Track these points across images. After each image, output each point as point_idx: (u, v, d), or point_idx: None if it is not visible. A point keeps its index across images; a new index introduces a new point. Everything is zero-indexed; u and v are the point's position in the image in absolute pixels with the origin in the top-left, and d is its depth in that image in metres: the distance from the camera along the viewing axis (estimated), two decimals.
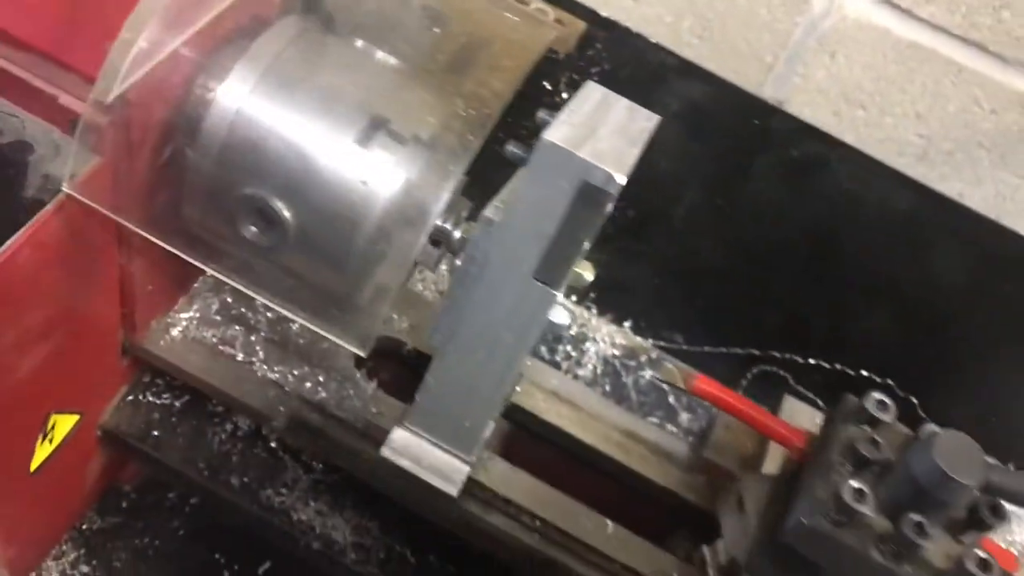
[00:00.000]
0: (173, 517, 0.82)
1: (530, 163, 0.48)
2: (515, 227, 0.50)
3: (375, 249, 0.47)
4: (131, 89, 0.46)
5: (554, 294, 0.51)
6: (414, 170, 0.47)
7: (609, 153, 0.48)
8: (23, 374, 0.54)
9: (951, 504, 0.47)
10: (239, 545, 0.81)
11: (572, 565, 0.65)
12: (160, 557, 0.79)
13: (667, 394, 0.82)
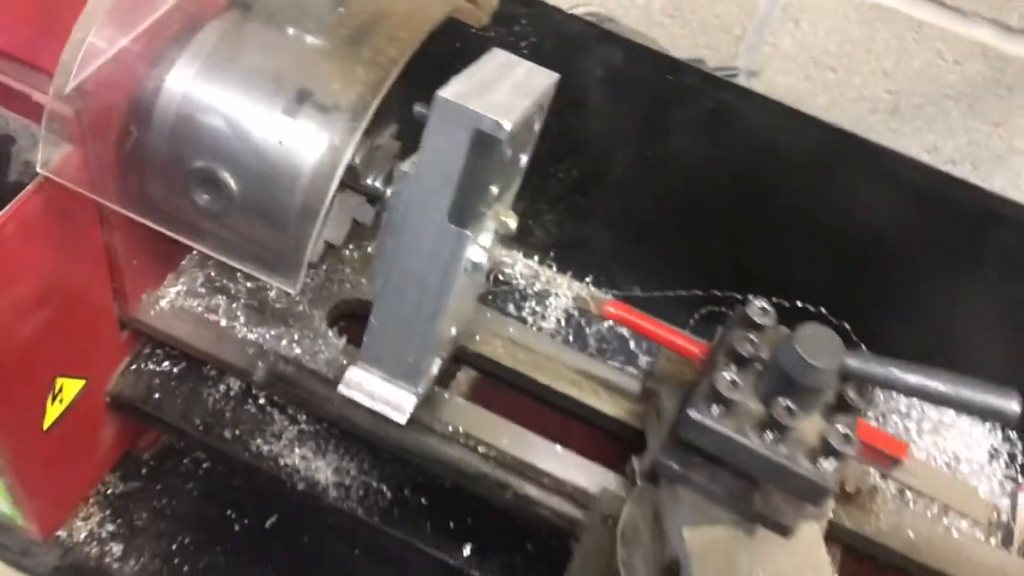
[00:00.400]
0: (188, 480, 0.90)
1: (429, 118, 0.55)
2: (425, 177, 0.57)
3: (301, 203, 0.55)
4: (87, 82, 0.55)
5: (467, 234, 0.59)
6: (329, 132, 0.55)
7: (499, 104, 0.55)
8: (24, 337, 0.63)
9: (815, 388, 0.54)
10: (248, 503, 0.89)
11: (524, 486, 0.72)
12: (177, 516, 0.88)
13: (628, 340, 0.89)
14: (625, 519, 0.63)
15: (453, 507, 0.76)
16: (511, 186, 0.64)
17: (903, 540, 0.74)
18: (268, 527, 0.88)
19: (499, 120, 0.54)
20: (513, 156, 0.60)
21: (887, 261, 0.77)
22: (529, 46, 0.75)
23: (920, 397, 0.53)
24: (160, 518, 0.87)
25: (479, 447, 0.73)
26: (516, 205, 0.87)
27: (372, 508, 0.75)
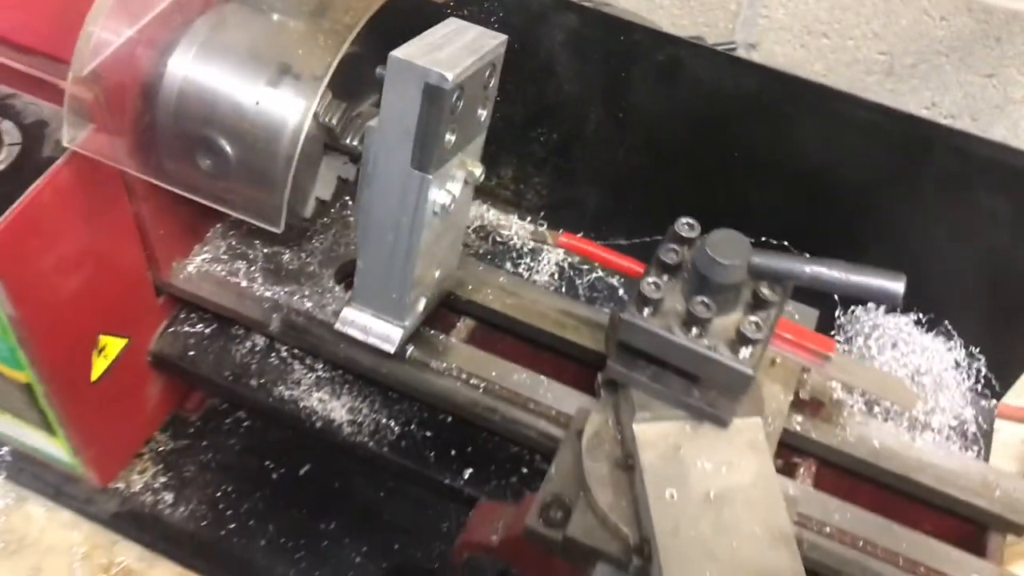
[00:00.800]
0: (230, 437, 1.01)
1: (386, 77, 0.64)
2: (387, 129, 0.66)
3: (278, 154, 0.65)
4: (100, 68, 0.65)
5: (428, 177, 0.67)
6: (295, 93, 0.64)
7: (444, 60, 0.64)
8: (66, 295, 0.74)
9: (727, 285, 0.61)
10: (283, 454, 0.99)
11: (512, 410, 0.80)
12: (221, 468, 0.98)
13: (617, 289, 0.96)
14: (589, 427, 0.71)
15: (454, 438, 0.85)
16: (474, 138, 0.72)
17: (869, 449, 0.80)
18: (302, 475, 0.98)
19: (443, 72, 0.63)
20: (468, 109, 0.68)
21: (838, 191, 0.83)
22: (498, 20, 0.83)
23: (818, 287, 0.60)
24: (206, 470, 0.98)
25: (471, 380, 0.81)
26: (504, 170, 0.96)
27: (382, 441, 0.84)
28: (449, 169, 0.70)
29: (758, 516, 0.64)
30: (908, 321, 0.85)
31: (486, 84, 0.70)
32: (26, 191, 0.66)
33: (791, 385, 0.77)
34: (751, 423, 0.68)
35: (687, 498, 0.64)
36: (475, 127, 0.71)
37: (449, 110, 0.64)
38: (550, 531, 0.68)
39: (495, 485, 0.83)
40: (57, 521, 0.94)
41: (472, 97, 0.68)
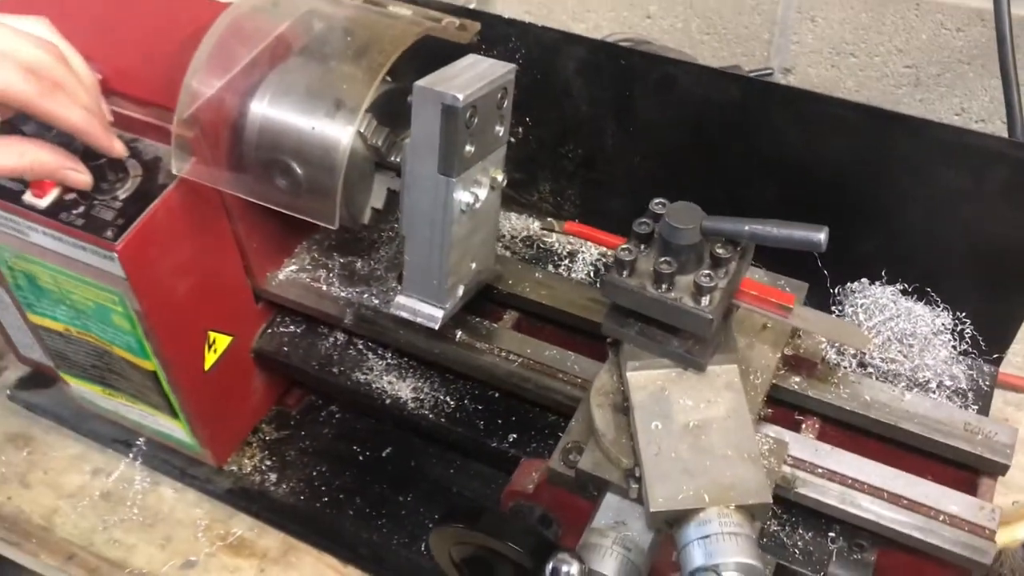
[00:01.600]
0: (325, 426, 1.18)
1: (413, 102, 0.81)
2: (417, 144, 0.82)
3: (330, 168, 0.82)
4: (197, 112, 0.85)
5: (452, 180, 0.83)
6: (342, 119, 0.82)
7: (457, 85, 0.80)
8: (180, 296, 0.93)
9: (686, 246, 0.74)
10: (369, 439, 1.16)
11: (543, 380, 0.94)
12: (317, 452, 1.16)
13: None
14: (597, 382, 0.84)
15: (500, 410, 1.00)
16: (495, 150, 0.87)
17: (860, 403, 0.91)
18: (383, 456, 1.14)
19: (456, 94, 0.79)
20: (484, 125, 0.83)
21: (819, 180, 0.94)
22: (521, 56, 1.00)
23: (757, 241, 0.73)
24: (304, 454, 1.15)
25: (509, 356, 0.96)
26: (543, 185, 1.12)
27: (440, 414, 1.00)
28: (473, 175, 0.85)
29: (730, 441, 0.76)
30: (895, 291, 0.95)
31: (499, 104, 0.85)
32: (145, 210, 0.86)
33: (780, 345, 0.88)
34: (728, 369, 0.81)
35: (669, 428, 0.77)
36: (494, 141, 0.87)
37: (464, 125, 0.80)
38: (567, 469, 0.82)
39: (535, 447, 0.97)
40: (184, 500, 1.13)
41: (486, 115, 0.83)
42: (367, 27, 0.85)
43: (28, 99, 0.76)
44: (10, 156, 0.79)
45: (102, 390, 1.06)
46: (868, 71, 1.44)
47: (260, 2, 0.89)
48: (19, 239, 0.91)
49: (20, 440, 1.21)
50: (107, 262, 0.86)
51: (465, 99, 0.78)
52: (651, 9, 1.50)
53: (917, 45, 1.38)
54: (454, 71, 0.83)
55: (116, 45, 0.92)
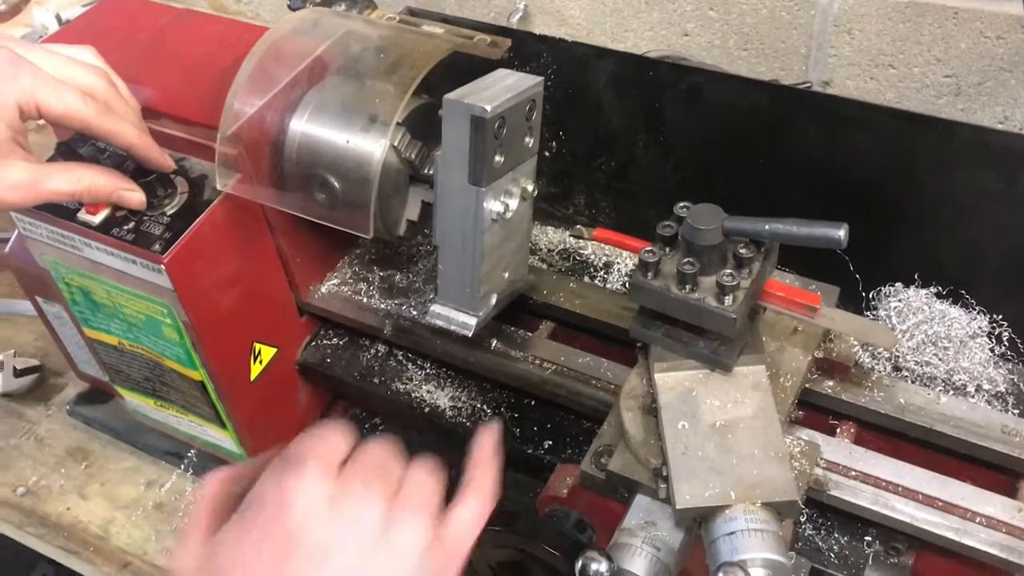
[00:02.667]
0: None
1: (444, 115, 0.84)
2: (448, 154, 0.85)
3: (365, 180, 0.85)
4: (240, 130, 0.89)
5: (482, 189, 0.86)
6: (375, 133, 0.85)
7: (486, 97, 0.83)
8: (226, 308, 0.96)
9: (708, 246, 0.75)
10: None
11: (576, 386, 0.96)
12: None
13: None
14: (627, 385, 0.86)
15: (536, 417, 1.01)
16: (525, 161, 0.89)
17: (895, 406, 0.91)
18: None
19: (484, 105, 0.81)
20: (513, 136, 0.85)
21: (849, 185, 0.95)
22: (553, 72, 1.02)
23: (776, 238, 0.74)
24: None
25: (543, 364, 0.98)
26: (578, 198, 1.14)
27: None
28: (503, 185, 0.87)
29: (757, 440, 0.77)
30: (929, 294, 0.95)
31: (528, 116, 0.87)
32: (191, 224, 0.90)
33: (811, 348, 0.89)
34: (755, 369, 0.82)
35: (696, 427, 0.78)
36: (523, 152, 0.89)
37: (493, 135, 0.83)
38: (598, 471, 0.84)
39: (570, 453, 0.98)
40: None
41: (515, 126, 0.85)
42: (399, 45, 0.89)
43: (88, 120, 0.81)
44: (68, 182, 0.84)
45: (154, 402, 1.10)
46: (908, 82, 1.43)
47: (299, 24, 0.93)
48: (75, 255, 0.95)
49: (79, 454, 1.25)
50: (156, 274, 0.89)
51: (493, 110, 0.81)
52: (688, 27, 1.51)
53: (956, 54, 1.37)
54: (483, 84, 0.85)
55: (164, 69, 0.96)
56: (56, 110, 0.80)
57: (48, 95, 0.79)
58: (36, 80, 0.79)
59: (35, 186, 0.82)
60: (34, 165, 0.82)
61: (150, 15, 1.05)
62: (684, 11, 1.50)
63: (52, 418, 1.30)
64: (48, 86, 0.80)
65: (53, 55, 0.83)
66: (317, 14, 0.95)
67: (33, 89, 0.79)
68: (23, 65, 0.79)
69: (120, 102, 0.85)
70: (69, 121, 0.82)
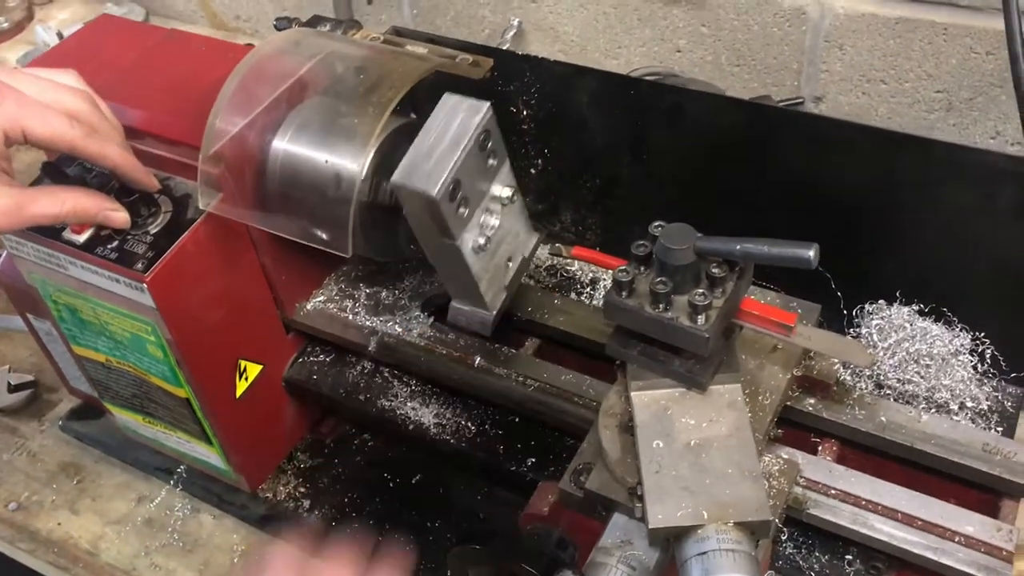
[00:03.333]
0: (357, 454, 1.21)
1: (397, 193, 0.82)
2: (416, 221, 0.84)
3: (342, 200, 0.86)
4: (222, 150, 0.89)
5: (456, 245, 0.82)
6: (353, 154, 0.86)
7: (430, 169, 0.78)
8: (211, 325, 0.97)
9: (680, 266, 0.76)
10: (399, 467, 1.18)
11: (558, 403, 0.96)
12: (349, 480, 1.18)
13: None
14: (605, 403, 0.86)
15: (520, 434, 1.02)
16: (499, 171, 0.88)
17: (876, 424, 0.90)
18: (413, 483, 1.16)
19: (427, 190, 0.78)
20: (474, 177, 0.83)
21: (831, 204, 0.95)
22: (537, 90, 1.03)
23: (748, 258, 0.74)
24: (337, 482, 1.18)
25: (526, 381, 0.98)
26: (564, 215, 1.14)
27: (461, 439, 1.02)
28: (478, 218, 0.87)
29: (732, 459, 0.77)
30: (911, 312, 0.95)
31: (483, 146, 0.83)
32: (174, 243, 0.90)
33: (790, 366, 0.89)
34: (731, 388, 0.82)
35: (671, 446, 0.78)
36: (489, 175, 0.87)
37: (450, 202, 0.80)
38: (576, 490, 0.84)
39: (553, 471, 0.98)
40: (222, 526, 1.17)
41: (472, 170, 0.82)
42: (380, 65, 0.90)
43: (74, 142, 0.82)
44: (53, 205, 0.85)
45: (143, 418, 1.11)
46: (899, 97, 1.44)
47: (283, 44, 0.94)
48: (61, 273, 0.96)
49: (71, 469, 1.26)
50: (138, 293, 0.90)
51: (441, 187, 0.78)
52: (680, 43, 1.52)
53: (947, 70, 1.38)
54: (427, 141, 0.81)
55: (149, 90, 0.97)
56: (43, 134, 0.81)
57: (34, 120, 0.80)
58: (21, 106, 0.80)
59: (20, 211, 0.83)
60: (17, 189, 0.83)
61: (138, 36, 1.06)
62: (676, 27, 1.51)
63: (45, 433, 1.31)
64: (34, 111, 0.80)
65: (38, 80, 0.84)
66: (300, 34, 0.96)
67: (19, 115, 0.80)
68: (7, 92, 0.80)
69: (104, 124, 0.86)
70: (56, 144, 0.83)
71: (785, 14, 1.43)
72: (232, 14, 2.00)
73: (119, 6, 2.06)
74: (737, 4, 1.45)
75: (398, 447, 1.20)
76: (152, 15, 2.11)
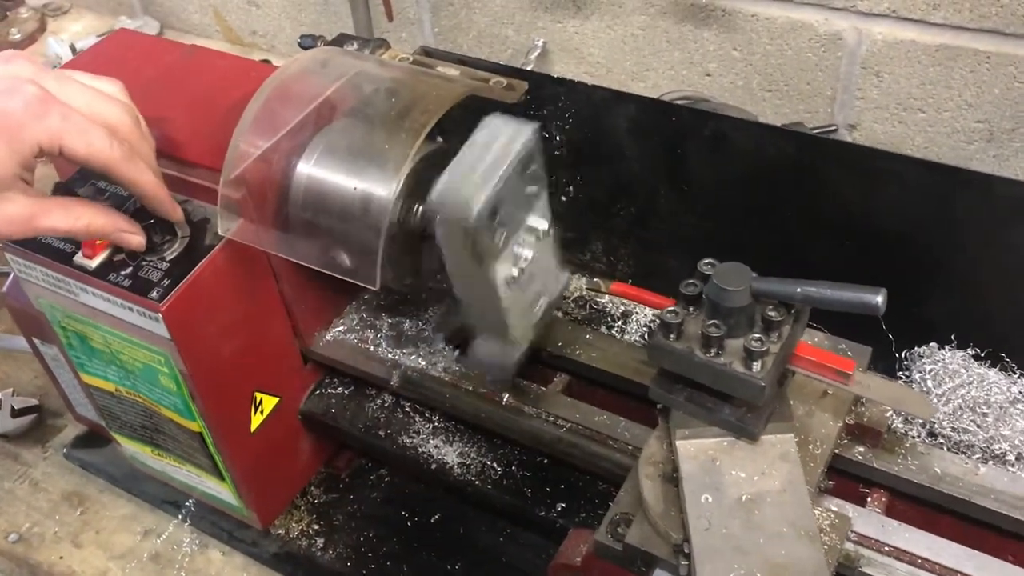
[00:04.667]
0: (374, 490, 1.16)
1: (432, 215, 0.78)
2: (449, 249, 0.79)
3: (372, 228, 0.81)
4: (244, 173, 0.85)
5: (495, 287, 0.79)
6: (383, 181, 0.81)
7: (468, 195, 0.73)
8: (227, 357, 0.92)
9: (735, 308, 0.71)
10: (418, 505, 1.13)
11: (591, 447, 0.91)
12: (365, 517, 1.13)
13: None
14: (647, 450, 0.81)
15: (550, 477, 0.96)
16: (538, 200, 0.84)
17: (930, 476, 0.85)
18: (433, 522, 1.11)
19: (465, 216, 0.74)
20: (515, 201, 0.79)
21: (883, 241, 0.90)
22: (571, 115, 0.98)
23: (808, 302, 0.69)
24: (352, 519, 1.13)
25: (557, 421, 0.93)
26: (595, 245, 1.10)
27: (486, 480, 0.97)
28: (513, 247, 0.82)
29: (786, 517, 0.72)
30: (966, 356, 0.90)
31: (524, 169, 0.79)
32: (191, 271, 0.86)
33: (841, 413, 0.84)
34: (784, 438, 0.77)
35: (720, 501, 0.73)
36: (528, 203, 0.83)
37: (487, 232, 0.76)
38: (614, 542, 0.79)
39: (584, 517, 0.93)
40: (231, 563, 1.12)
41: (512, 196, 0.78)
42: (412, 88, 0.85)
43: (109, 163, 0.78)
44: (66, 219, 0.80)
45: (152, 450, 1.06)
46: (937, 127, 1.39)
47: (309, 64, 0.90)
48: (71, 299, 0.91)
49: (75, 499, 1.21)
50: (152, 323, 0.85)
51: (480, 210, 0.74)
52: (711, 67, 1.48)
53: (989, 100, 1.33)
54: (466, 162, 0.76)
55: (169, 108, 0.93)
56: (80, 153, 0.76)
57: (75, 139, 0.75)
58: (65, 122, 0.75)
59: (32, 220, 0.78)
60: (33, 199, 0.78)
61: (158, 51, 1.02)
62: (707, 51, 1.47)
63: (49, 461, 1.26)
64: (76, 128, 0.75)
65: (84, 90, 0.79)
66: (327, 53, 0.92)
67: (61, 130, 0.74)
68: (53, 105, 0.75)
69: (143, 143, 0.82)
70: (91, 164, 0.78)
71: (821, 39, 1.39)
72: (248, 29, 1.96)
73: (133, 19, 2.02)
74: (771, 28, 1.41)
75: (417, 483, 1.15)
76: (167, 28, 2.07)
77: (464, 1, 1.62)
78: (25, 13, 2.07)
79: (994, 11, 1.26)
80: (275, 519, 1.10)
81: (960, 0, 1.27)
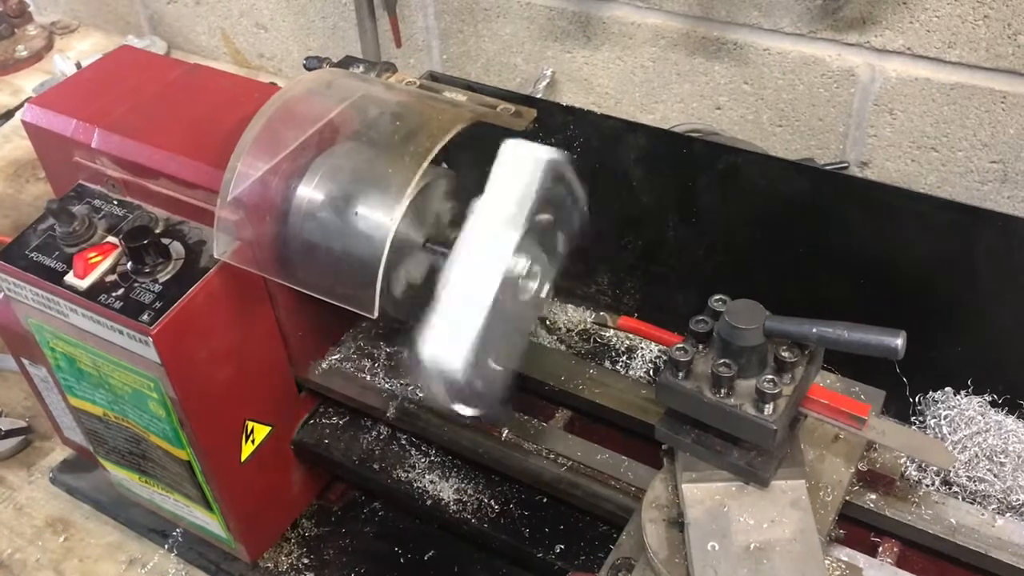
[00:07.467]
0: (366, 524, 1.13)
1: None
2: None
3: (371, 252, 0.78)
4: (242, 195, 0.82)
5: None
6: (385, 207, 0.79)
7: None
8: (218, 383, 0.89)
9: (747, 347, 0.68)
10: (411, 541, 1.10)
11: (592, 486, 0.88)
12: (357, 552, 1.10)
13: None
14: (651, 492, 0.78)
15: (548, 517, 0.93)
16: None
17: (945, 526, 0.82)
18: (426, 559, 1.08)
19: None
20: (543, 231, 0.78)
21: (899, 280, 0.88)
22: (580, 144, 0.96)
23: (824, 344, 0.66)
24: (343, 554, 1.09)
25: (558, 459, 0.90)
26: (601, 278, 1.07)
27: (483, 518, 0.93)
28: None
29: (796, 567, 0.68)
30: (983, 402, 0.87)
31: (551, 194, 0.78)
32: (184, 294, 0.83)
33: (853, 458, 0.81)
34: (795, 484, 0.73)
35: (728, 549, 0.70)
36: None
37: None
38: None
39: (584, 560, 0.89)
40: None
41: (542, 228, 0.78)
42: (417, 113, 0.83)
43: None
44: None
45: (139, 477, 1.03)
46: (950, 166, 1.37)
47: (313, 85, 0.87)
48: (60, 320, 0.89)
49: (59, 524, 1.18)
50: (143, 346, 0.83)
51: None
52: (721, 100, 1.46)
53: (1004, 140, 1.31)
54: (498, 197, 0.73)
55: (167, 127, 0.91)
56: None
57: None
58: None
59: None
60: None
61: (159, 69, 1.00)
62: (717, 84, 1.45)
63: (34, 484, 1.23)
64: None
65: None
66: (332, 75, 0.90)
67: None
68: None
69: None
70: None
71: (833, 75, 1.37)
72: (256, 52, 1.94)
73: (141, 38, 2.01)
74: (783, 62, 1.39)
75: (411, 518, 1.12)
76: (174, 49, 2.06)
77: (473, 28, 1.61)
78: (33, 31, 2.06)
79: (1011, 50, 1.24)
80: (264, 552, 1.07)
81: (976, 39, 1.25)
